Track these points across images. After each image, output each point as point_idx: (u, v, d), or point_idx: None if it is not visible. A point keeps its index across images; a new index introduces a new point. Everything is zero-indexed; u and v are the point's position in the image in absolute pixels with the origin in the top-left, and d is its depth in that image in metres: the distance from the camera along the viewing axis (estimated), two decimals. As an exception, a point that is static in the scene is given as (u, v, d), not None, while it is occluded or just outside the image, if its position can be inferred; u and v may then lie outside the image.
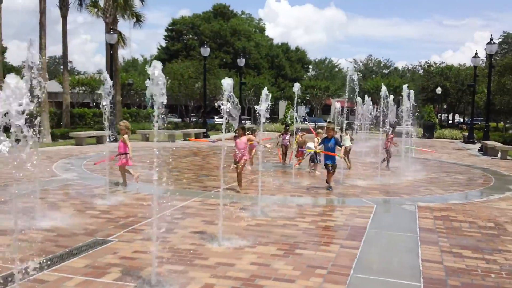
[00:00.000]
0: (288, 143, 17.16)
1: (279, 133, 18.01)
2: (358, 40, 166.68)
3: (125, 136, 11.91)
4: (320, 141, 13.61)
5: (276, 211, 9.60)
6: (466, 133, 33.52)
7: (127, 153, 11.85)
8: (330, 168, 11.98)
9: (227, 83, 7.50)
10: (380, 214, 9.56)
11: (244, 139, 11.57)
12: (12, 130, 4.23)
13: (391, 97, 17.93)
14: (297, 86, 15.38)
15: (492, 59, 59.56)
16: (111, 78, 29.09)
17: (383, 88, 15.54)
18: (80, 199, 10.55)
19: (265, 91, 9.62)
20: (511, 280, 5.98)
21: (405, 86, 15.72)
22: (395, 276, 5.99)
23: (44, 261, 6.19)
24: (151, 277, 5.64)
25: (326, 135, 12.16)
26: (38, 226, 7.91)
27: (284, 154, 17.45)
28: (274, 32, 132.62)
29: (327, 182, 12.25)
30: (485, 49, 30.05)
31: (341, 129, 18.82)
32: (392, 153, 17.05)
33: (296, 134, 16.41)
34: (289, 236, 7.71)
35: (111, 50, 27.94)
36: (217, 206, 9.93)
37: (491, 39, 27.39)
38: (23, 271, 5.23)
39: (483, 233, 8.24)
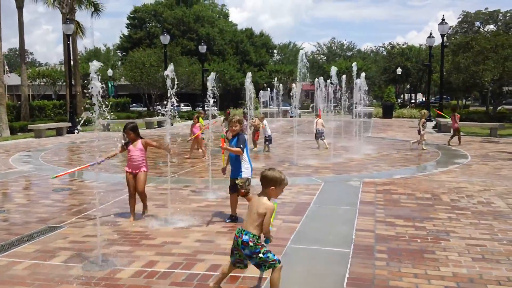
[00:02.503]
0: (245, 127, 17.50)
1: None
2: (325, 23, 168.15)
3: None
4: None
5: (227, 192, 9.92)
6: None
7: None
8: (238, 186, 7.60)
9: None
10: (326, 190, 10.02)
11: (139, 145, 8.13)
12: None
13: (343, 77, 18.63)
14: (248, 76, 15.91)
15: (453, 38, 61.00)
16: (70, 69, 29.07)
17: (333, 69, 16.10)
18: (34, 189, 10.73)
19: (211, 78, 9.70)
20: (435, 243, 6.48)
21: (354, 64, 16.27)
22: (328, 245, 6.43)
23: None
24: (97, 257, 5.94)
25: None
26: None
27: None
28: (241, 17, 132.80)
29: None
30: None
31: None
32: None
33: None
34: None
35: (68, 41, 27.65)
36: (170, 190, 10.28)
37: (443, 19, 28.14)
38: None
39: (418, 203, 8.78)
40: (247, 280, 5.32)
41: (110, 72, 55.85)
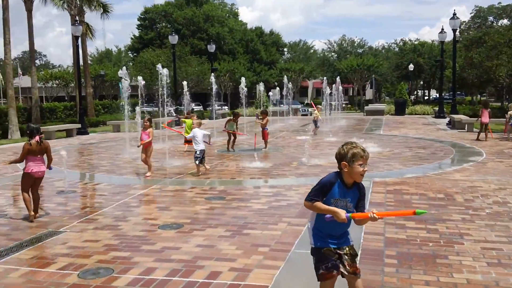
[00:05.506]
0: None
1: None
2: (335, 21, 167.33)
3: None
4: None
5: (232, 194, 9.70)
6: (437, 108, 33.92)
7: None
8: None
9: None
10: (335, 191, 9.69)
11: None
12: None
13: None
14: (261, 86, 15.87)
15: (466, 34, 60.14)
16: (79, 70, 29.03)
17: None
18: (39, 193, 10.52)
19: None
20: (447, 247, 6.15)
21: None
22: (335, 250, 6.12)
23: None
24: (95, 265, 5.74)
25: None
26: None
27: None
28: (252, 16, 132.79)
29: None
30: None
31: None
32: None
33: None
34: (240, 218, 7.82)
35: (77, 42, 27.56)
36: (175, 192, 10.06)
37: (454, 14, 27.61)
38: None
39: (431, 204, 8.43)
40: (247, 288, 5.05)
41: (121, 73, 55.89)
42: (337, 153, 4.02)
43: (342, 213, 3.83)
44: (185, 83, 22.64)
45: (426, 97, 75.83)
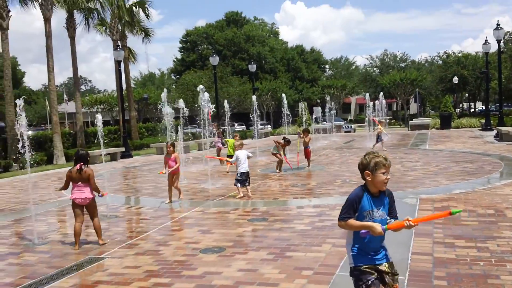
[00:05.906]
0: (221, 144, 20.60)
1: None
2: (377, 36, 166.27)
3: None
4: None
5: (275, 214, 9.56)
6: (484, 121, 32.85)
7: None
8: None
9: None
10: (379, 210, 9.41)
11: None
12: None
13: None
14: (301, 105, 15.82)
15: (510, 44, 58.41)
16: (122, 95, 29.67)
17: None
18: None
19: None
20: (499, 266, 5.81)
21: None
22: (381, 273, 5.88)
23: (34, 283, 6.30)
24: (135, 291, 5.70)
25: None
26: (33, 249, 8.09)
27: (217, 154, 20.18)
28: (293, 35, 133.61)
29: None
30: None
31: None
32: None
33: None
34: (282, 240, 7.65)
35: (119, 67, 28.24)
36: (217, 214, 10.01)
37: (498, 24, 26.82)
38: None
39: (480, 221, 8.05)
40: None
41: (163, 96, 56.93)
42: (360, 163, 4.02)
43: (378, 227, 3.76)
44: (225, 102, 22.94)
45: (472, 110, 73.80)
